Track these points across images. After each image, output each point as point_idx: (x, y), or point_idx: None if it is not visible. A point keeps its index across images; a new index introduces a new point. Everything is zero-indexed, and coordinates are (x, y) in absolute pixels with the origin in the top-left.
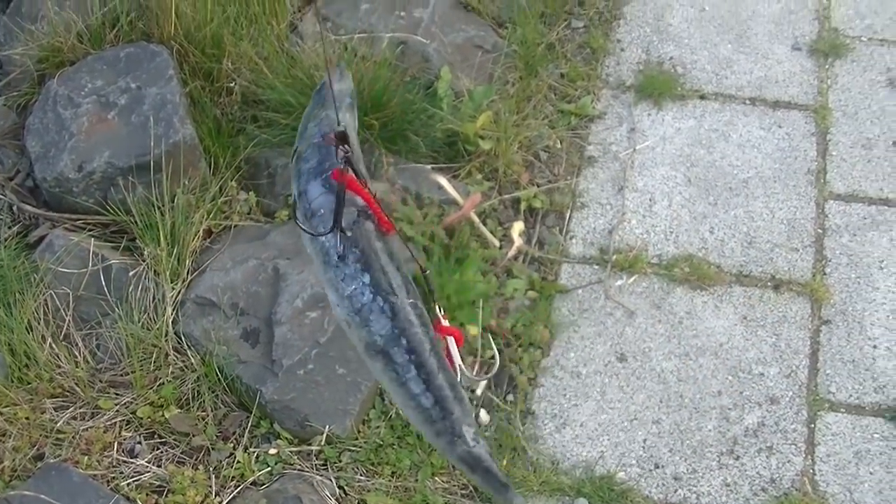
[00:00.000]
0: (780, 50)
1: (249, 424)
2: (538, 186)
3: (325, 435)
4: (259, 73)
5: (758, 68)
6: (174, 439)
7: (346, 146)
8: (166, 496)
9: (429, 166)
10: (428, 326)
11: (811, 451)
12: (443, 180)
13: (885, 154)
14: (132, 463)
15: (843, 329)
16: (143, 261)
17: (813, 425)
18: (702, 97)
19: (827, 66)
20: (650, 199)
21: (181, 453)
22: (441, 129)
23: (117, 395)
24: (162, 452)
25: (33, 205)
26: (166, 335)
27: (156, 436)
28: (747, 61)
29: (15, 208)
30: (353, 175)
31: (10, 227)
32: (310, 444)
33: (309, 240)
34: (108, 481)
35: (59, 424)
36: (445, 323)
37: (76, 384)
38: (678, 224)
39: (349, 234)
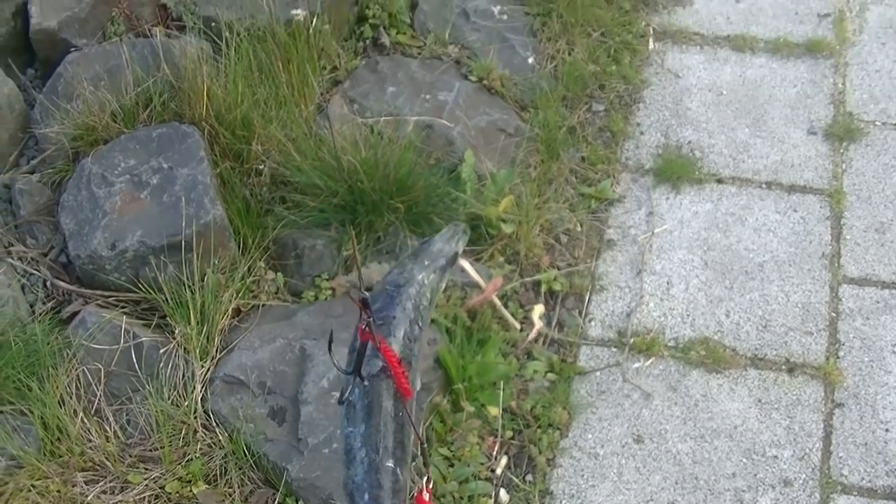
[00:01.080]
0: (796, 134)
1: (276, 501)
2: (558, 269)
3: None
4: (287, 155)
5: (774, 152)
6: None
7: (367, 312)
8: None
9: None
10: (399, 494)
11: None
12: (466, 264)
13: None
14: None
15: (855, 412)
16: (174, 338)
17: None
18: (719, 181)
19: (842, 150)
20: (668, 283)
21: None
22: (464, 212)
23: (146, 469)
24: None
25: (67, 281)
26: (195, 412)
27: None
28: (764, 145)
29: (49, 283)
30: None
31: (44, 303)
32: None
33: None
34: None
35: (89, 498)
36: (426, 496)
37: (106, 458)
38: (695, 307)
39: (366, 384)
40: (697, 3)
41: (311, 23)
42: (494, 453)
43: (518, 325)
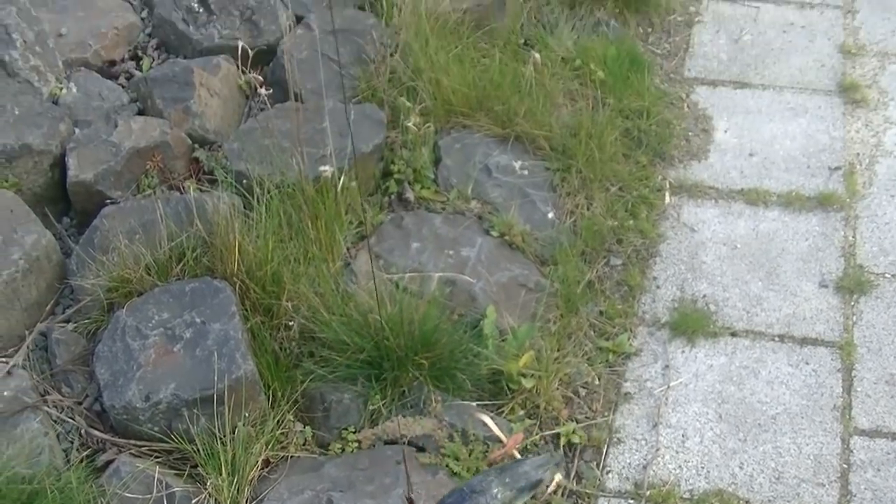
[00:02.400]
0: (808, 287)
1: None
2: (577, 422)
3: None
4: (315, 311)
5: (786, 305)
6: None
7: None
8: None
9: (474, 404)
10: None
11: None
12: (487, 419)
13: None
14: None
15: None
16: (205, 489)
17: None
18: (733, 334)
19: (852, 303)
20: (683, 436)
21: None
22: (486, 367)
23: None
24: None
25: (101, 429)
26: None
27: None
28: (776, 298)
29: (84, 432)
30: None
31: (79, 451)
32: None
33: None
34: None
35: None
36: None
37: None
38: (709, 460)
39: None
40: (712, 156)
41: (339, 179)
42: None
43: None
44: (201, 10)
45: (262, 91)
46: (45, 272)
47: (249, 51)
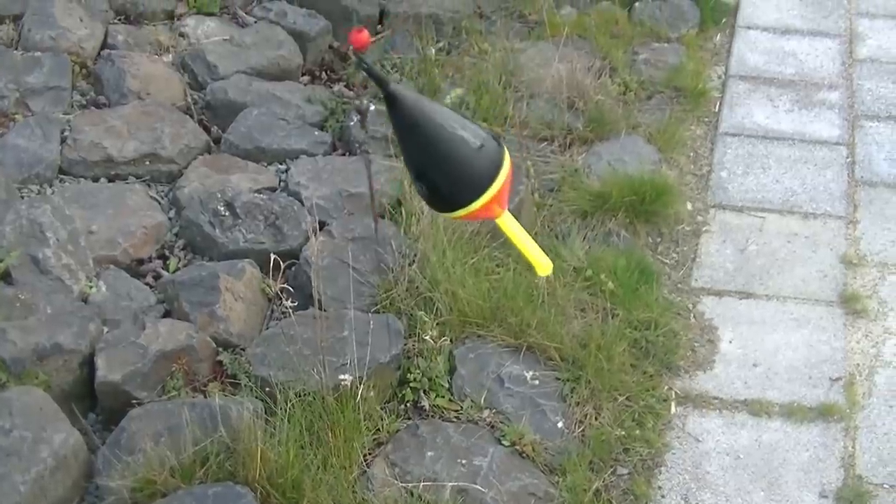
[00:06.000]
0: (809, 498)
1: None
2: None
3: None
4: None
5: None
6: None
7: None
8: None
9: None
10: None
11: None
12: None
13: None
14: None
15: None
16: None
17: None
18: None
19: None
20: None
21: None
22: None
23: None
24: None
25: None
26: None
27: None
28: None
29: None
30: None
31: None
32: None
33: None
34: None
35: None
36: None
37: None
38: None
39: None
40: (717, 367)
41: (358, 388)
42: None
43: None
44: (227, 214)
45: (287, 303)
46: (71, 470)
47: (273, 256)
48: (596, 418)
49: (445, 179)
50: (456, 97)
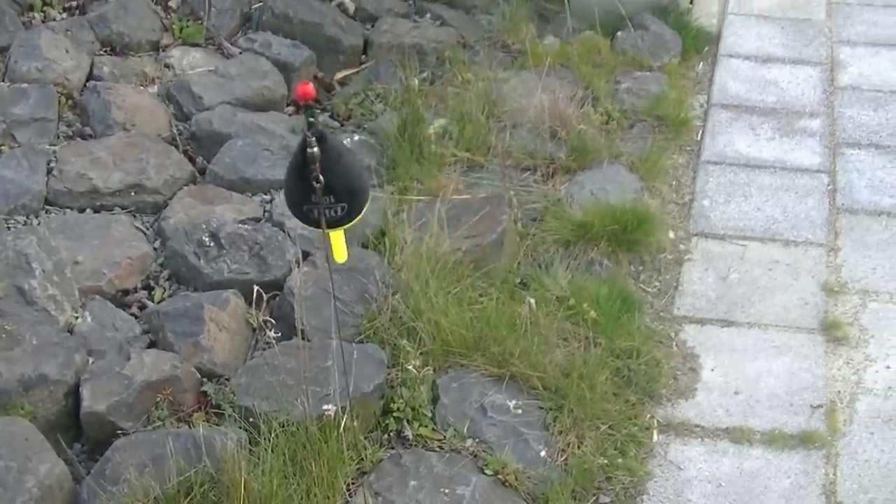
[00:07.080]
0: None
1: None
2: None
3: None
4: None
5: None
6: None
7: None
8: None
9: None
10: None
11: None
12: None
13: None
14: None
15: None
16: None
17: None
18: None
19: None
20: None
21: None
22: None
23: None
24: None
25: None
26: None
27: None
28: None
29: None
30: None
31: None
32: None
33: None
34: None
35: None
36: None
37: None
38: None
39: None
40: (699, 395)
41: (342, 418)
42: None
43: None
44: (212, 245)
45: (270, 334)
46: (56, 500)
47: (257, 287)
48: (578, 447)
49: (357, 199)
50: (439, 127)
